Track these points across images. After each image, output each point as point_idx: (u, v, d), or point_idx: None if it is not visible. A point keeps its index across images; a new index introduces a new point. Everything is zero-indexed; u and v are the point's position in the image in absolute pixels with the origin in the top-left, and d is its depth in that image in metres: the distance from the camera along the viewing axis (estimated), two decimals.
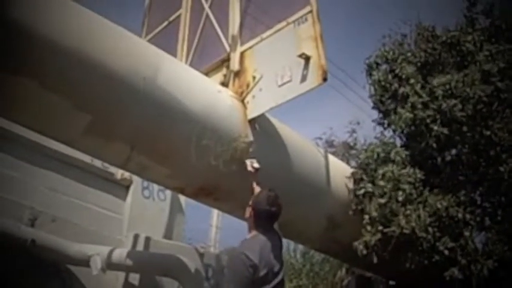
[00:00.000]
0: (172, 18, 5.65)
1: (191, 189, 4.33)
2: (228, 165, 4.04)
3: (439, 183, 5.46)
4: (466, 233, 5.17)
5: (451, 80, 5.38)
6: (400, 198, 5.00)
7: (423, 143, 5.44)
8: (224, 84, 4.59)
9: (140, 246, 5.54)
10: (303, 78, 3.92)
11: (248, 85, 4.37)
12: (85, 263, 4.77)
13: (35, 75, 3.17)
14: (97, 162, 5.39)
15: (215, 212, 14.36)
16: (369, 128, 6.34)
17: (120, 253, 4.91)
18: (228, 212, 5.01)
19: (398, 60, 5.88)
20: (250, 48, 4.50)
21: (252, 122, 4.26)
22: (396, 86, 5.73)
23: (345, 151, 6.34)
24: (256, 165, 4.03)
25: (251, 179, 4.00)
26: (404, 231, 4.85)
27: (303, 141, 5.08)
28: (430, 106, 5.36)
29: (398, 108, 5.63)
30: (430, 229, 4.88)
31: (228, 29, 4.77)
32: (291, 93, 3.99)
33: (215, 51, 4.86)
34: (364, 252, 5.08)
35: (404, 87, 5.60)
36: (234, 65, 4.56)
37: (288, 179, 4.58)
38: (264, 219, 3.41)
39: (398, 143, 5.80)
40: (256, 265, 3.14)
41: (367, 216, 5.12)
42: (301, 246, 12.70)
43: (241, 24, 4.67)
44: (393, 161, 5.29)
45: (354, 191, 5.31)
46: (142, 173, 4.30)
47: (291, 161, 4.64)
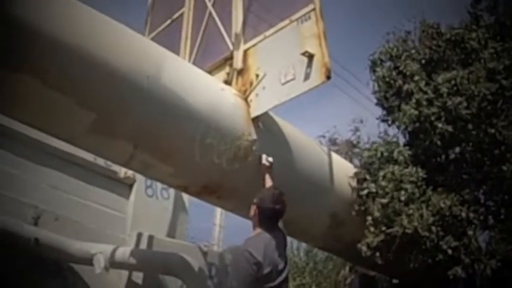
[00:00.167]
0: (175, 16, 5.63)
1: (194, 188, 4.32)
2: (231, 164, 4.04)
3: (443, 182, 5.44)
4: (470, 232, 5.15)
5: (456, 76, 5.36)
6: (402, 198, 4.98)
7: (427, 141, 5.41)
8: (227, 82, 4.58)
9: (143, 245, 5.53)
10: (307, 76, 3.90)
11: (251, 83, 4.35)
12: (88, 261, 4.77)
13: (37, 72, 3.17)
14: (100, 161, 5.39)
15: (218, 210, 14.39)
16: (371, 126, 6.33)
17: (123, 252, 4.91)
18: (231, 210, 5.00)
19: (403, 57, 5.86)
20: (253, 46, 4.49)
21: (255, 120, 4.26)
22: (400, 82, 5.70)
23: (348, 149, 6.32)
24: (271, 160, 4.13)
25: (264, 173, 4.06)
26: (407, 231, 4.83)
27: (306, 139, 5.07)
28: (435, 103, 5.34)
29: (402, 105, 5.60)
30: (433, 228, 4.85)
31: (231, 27, 4.76)
32: (295, 91, 3.98)
33: (218, 50, 4.85)
34: (368, 253, 5.06)
35: (409, 84, 5.57)
36: (237, 63, 4.54)
37: (291, 177, 4.56)
38: (268, 217, 3.41)
39: (402, 142, 5.78)
40: (260, 263, 3.13)
41: (370, 217, 5.10)
42: (304, 245, 12.68)
43: (244, 23, 4.66)
44: (395, 161, 5.27)
45: (357, 191, 5.29)
46: (146, 171, 4.30)
47: (295, 159, 4.63)
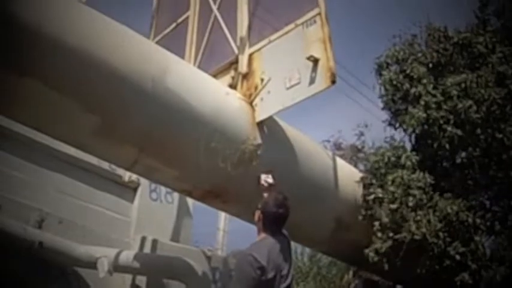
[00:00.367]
0: (180, 20, 5.64)
1: (199, 192, 4.31)
2: (236, 168, 4.01)
3: (449, 187, 5.39)
4: (476, 238, 5.11)
5: (466, 79, 5.32)
6: (410, 204, 4.93)
7: (435, 144, 5.37)
8: (232, 86, 4.58)
9: (147, 249, 5.53)
10: (312, 81, 3.89)
11: (256, 87, 4.34)
12: (92, 265, 4.76)
13: (43, 76, 3.17)
14: (104, 164, 5.38)
15: (223, 215, 14.36)
16: (376, 130, 6.29)
17: (127, 255, 4.90)
18: (235, 215, 4.98)
19: (409, 61, 5.82)
20: (258, 50, 4.48)
21: (260, 124, 4.24)
22: (407, 86, 5.65)
23: (353, 154, 6.29)
24: (270, 181, 3.94)
25: (263, 192, 3.87)
26: (415, 237, 4.79)
27: (311, 143, 5.05)
28: (443, 107, 5.30)
29: (409, 108, 5.55)
30: (440, 234, 4.81)
31: (236, 31, 4.76)
32: (299, 95, 3.97)
33: (223, 54, 4.84)
34: (375, 259, 5.02)
35: (416, 87, 5.52)
36: (242, 67, 4.54)
37: (296, 181, 4.54)
38: (271, 222, 3.38)
39: (408, 147, 5.74)
40: (264, 267, 3.11)
41: (377, 223, 5.06)
42: (308, 250, 12.66)
43: (250, 27, 4.65)
44: (403, 166, 5.23)
45: (364, 196, 5.25)
46: (150, 175, 4.29)
47: (299, 163, 4.60)
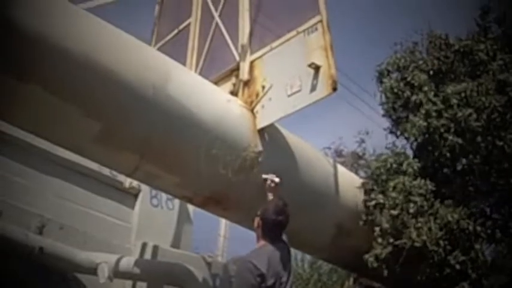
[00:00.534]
0: (182, 26, 5.66)
1: (200, 199, 4.31)
2: (237, 175, 4.02)
3: (450, 194, 5.38)
4: (477, 246, 5.09)
5: (466, 88, 5.32)
6: (411, 210, 4.92)
7: (436, 153, 5.37)
8: (233, 93, 4.58)
9: (148, 255, 5.53)
10: (313, 88, 3.90)
11: (257, 94, 4.35)
12: (92, 271, 4.76)
13: (42, 81, 3.18)
14: (105, 170, 5.39)
15: (223, 222, 14.37)
16: (377, 138, 6.28)
17: (127, 261, 4.89)
18: (236, 222, 4.97)
19: (410, 68, 5.82)
20: (259, 57, 4.49)
21: (261, 131, 4.25)
22: (408, 93, 5.65)
23: (354, 161, 6.29)
24: (276, 180, 4.00)
25: (270, 194, 3.96)
26: (416, 244, 4.77)
27: (311, 150, 5.05)
28: (444, 115, 5.30)
29: (410, 116, 5.55)
30: (441, 242, 4.80)
31: (237, 38, 4.77)
32: (301, 103, 3.98)
33: (225, 60, 4.86)
34: (375, 265, 5.01)
35: (417, 94, 5.53)
36: (244, 74, 4.55)
37: (296, 188, 4.54)
38: (271, 228, 3.40)
39: (410, 154, 5.73)
40: (263, 274, 3.12)
41: (378, 228, 5.05)
42: (308, 256, 12.65)
43: (251, 34, 4.67)
44: (405, 172, 5.22)
45: (365, 202, 5.24)
46: (151, 181, 4.29)
47: (300, 170, 4.60)
